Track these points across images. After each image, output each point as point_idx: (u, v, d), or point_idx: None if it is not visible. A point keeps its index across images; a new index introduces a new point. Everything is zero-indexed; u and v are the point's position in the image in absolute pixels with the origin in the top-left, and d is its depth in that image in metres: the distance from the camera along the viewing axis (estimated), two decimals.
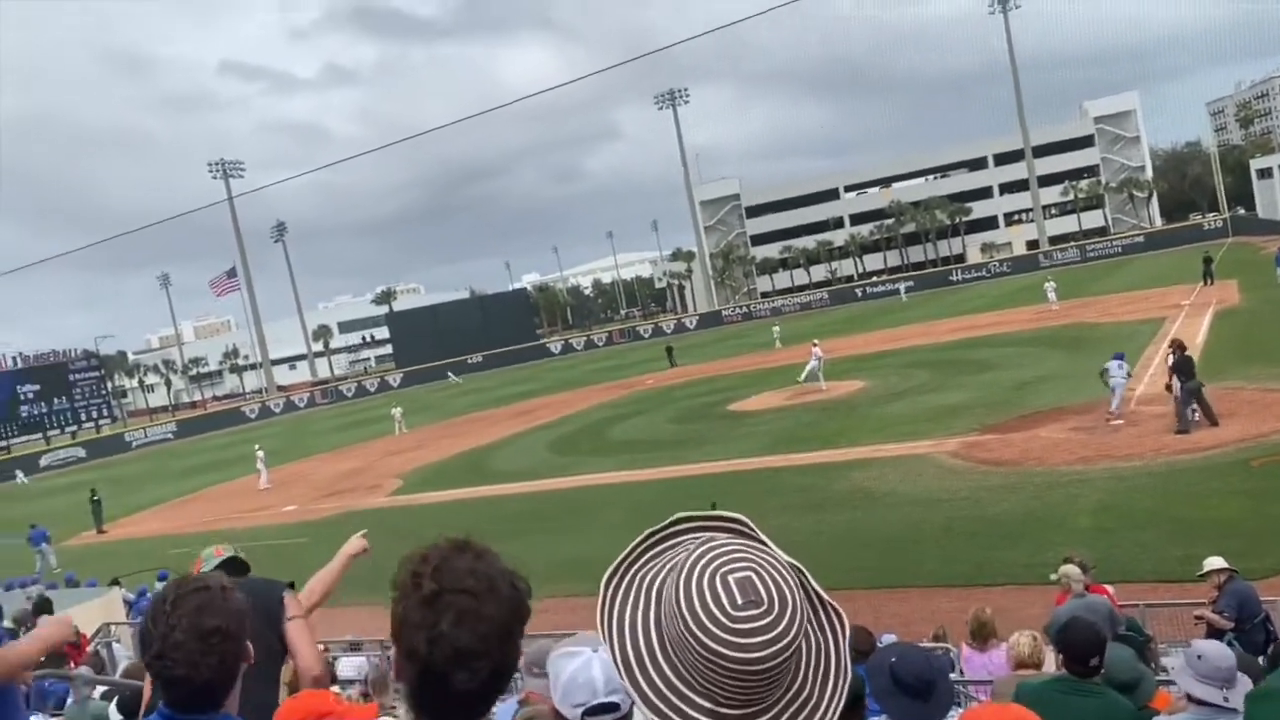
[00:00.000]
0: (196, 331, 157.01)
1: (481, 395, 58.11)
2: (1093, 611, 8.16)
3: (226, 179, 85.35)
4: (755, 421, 30.34)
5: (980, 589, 12.72)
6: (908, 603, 13.18)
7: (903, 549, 15.48)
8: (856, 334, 52.54)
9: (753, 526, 1.41)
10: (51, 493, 48.36)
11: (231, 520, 29.76)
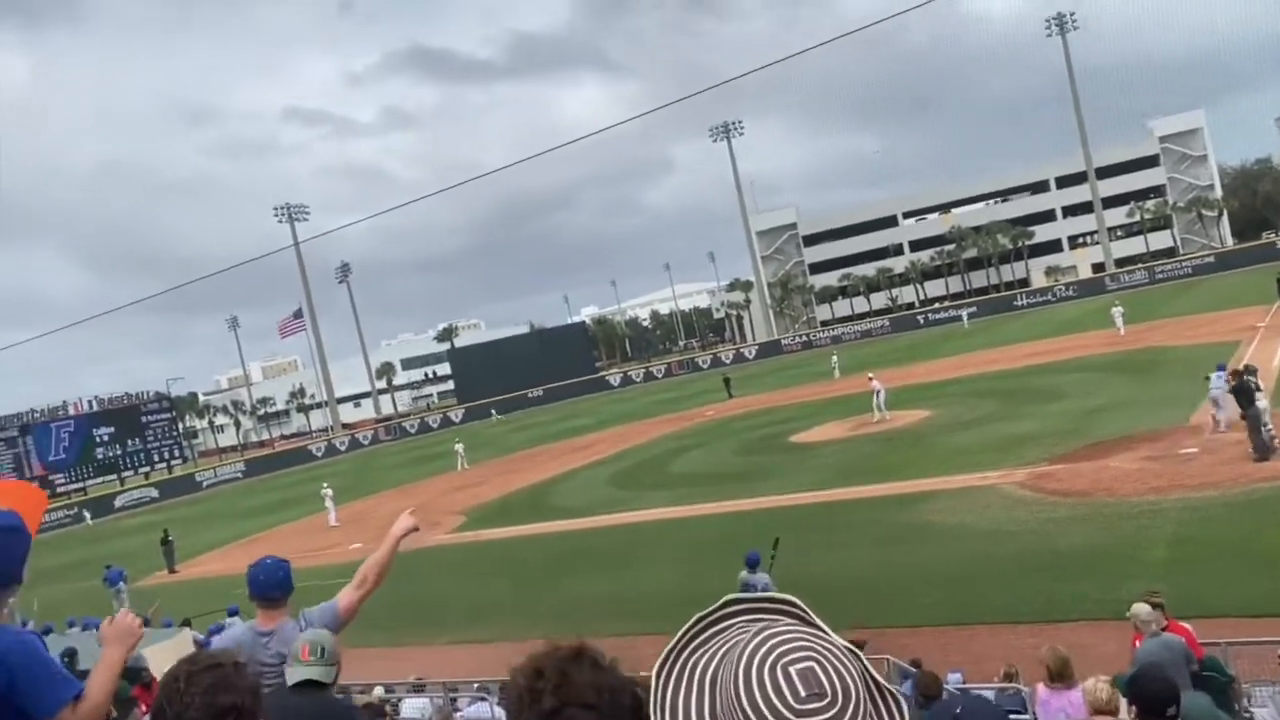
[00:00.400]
0: (264, 372, 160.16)
1: (542, 429, 58.36)
2: (1169, 651, 7.87)
3: (292, 223, 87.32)
4: (818, 453, 30.02)
5: (1051, 625, 12.37)
6: (976, 640, 12.87)
7: (970, 584, 15.14)
8: (919, 362, 51.84)
9: (806, 609, 1.35)
10: (126, 533, 49.52)
11: (298, 559, 30.00)
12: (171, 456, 74.91)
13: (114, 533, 51.08)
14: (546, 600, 19.31)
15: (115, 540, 45.15)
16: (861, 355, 61.77)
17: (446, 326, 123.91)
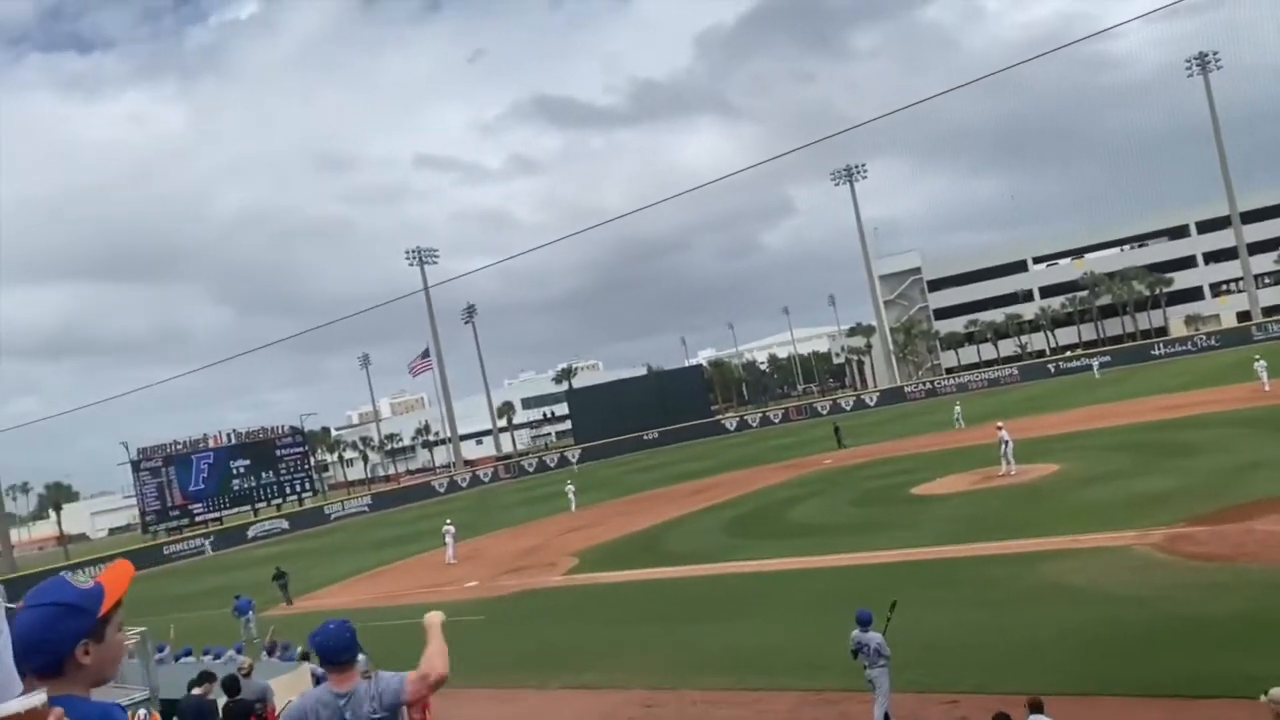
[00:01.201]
0: (393, 408, 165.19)
1: (657, 472, 58.40)
2: None
3: (422, 266, 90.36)
4: (940, 506, 29.16)
5: (1188, 701, 11.67)
6: (1104, 711, 12.20)
7: (1100, 651, 14.38)
8: (1049, 413, 49.99)
9: None
10: (256, 563, 51.52)
11: (415, 595, 30.78)
12: (303, 489, 77.69)
13: (246, 562, 53.15)
14: (657, 648, 19.19)
15: (246, 570, 46.95)
16: (987, 405, 59.98)
17: (565, 367, 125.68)
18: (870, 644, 13.11)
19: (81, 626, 2.50)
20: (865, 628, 13.24)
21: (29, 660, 2.43)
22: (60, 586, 2.54)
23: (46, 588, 2.55)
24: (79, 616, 2.49)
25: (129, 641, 3.23)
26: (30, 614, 2.45)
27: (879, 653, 13.07)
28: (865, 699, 13.79)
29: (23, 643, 2.42)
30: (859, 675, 13.61)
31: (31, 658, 2.43)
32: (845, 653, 13.52)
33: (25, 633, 2.43)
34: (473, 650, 21.85)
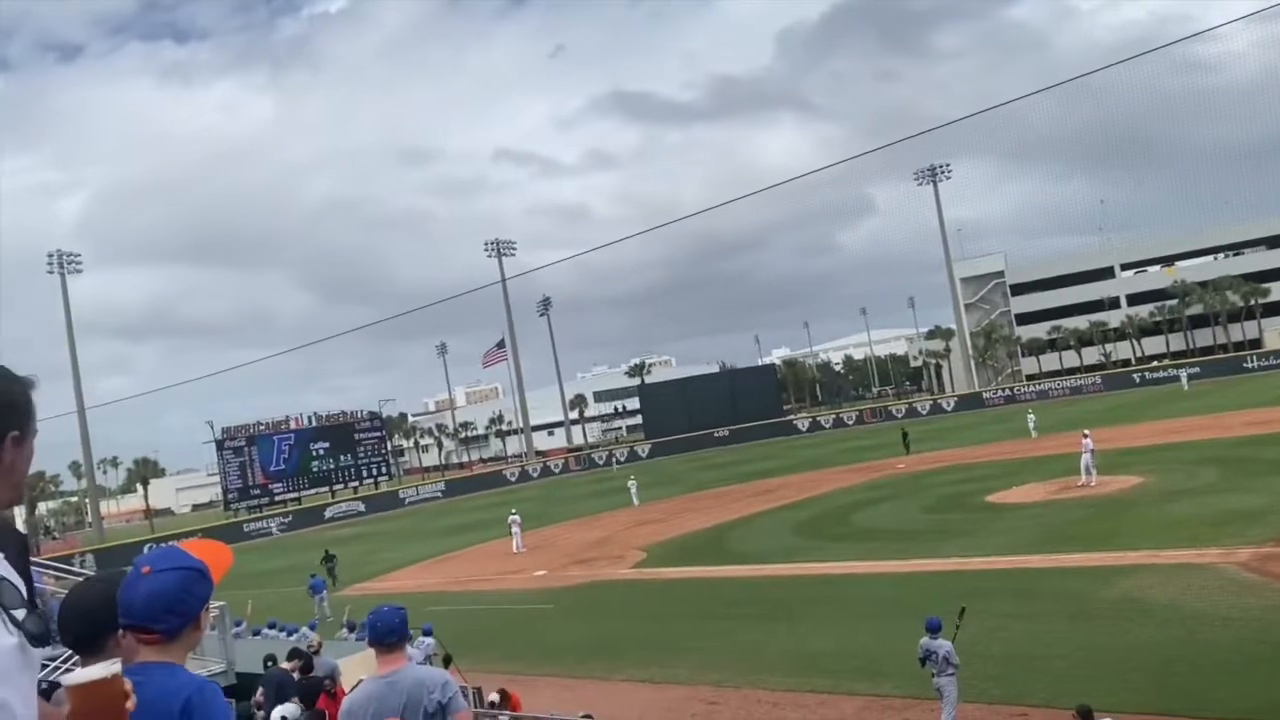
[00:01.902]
0: (468, 397, 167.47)
1: (727, 470, 58.22)
2: None
3: (500, 258, 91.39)
4: (1015, 515, 28.54)
5: None
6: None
7: (1179, 672, 13.95)
8: (1133, 424, 48.57)
9: None
10: (330, 544, 52.71)
11: (483, 582, 31.20)
12: (379, 473, 79.24)
13: (322, 542, 54.38)
14: (721, 646, 19.15)
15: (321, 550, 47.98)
16: (1066, 414, 58.54)
17: (638, 362, 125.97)
18: (939, 651, 12.92)
19: (208, 592, 2.59)
20: (934, 634, 13.05)
21: (162, 622, 2.49)
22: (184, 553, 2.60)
23: (170, 553, 2.61)
24: (207, 583, 2.57)
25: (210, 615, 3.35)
26: (169, 576, 2.50)
27: (948, 660, 12.87)
28: (931, 706, 13.59)
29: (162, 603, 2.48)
30: (925, 682, 13.41)
31: (165, 619, 2.50)
32: (912, 659, 13.33)
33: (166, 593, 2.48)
34: (539, 638, 22.09)
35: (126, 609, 2.49)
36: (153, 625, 2.47)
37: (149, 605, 2.46)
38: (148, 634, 2.48)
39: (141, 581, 2.49)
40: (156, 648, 2.50)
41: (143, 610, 2.47)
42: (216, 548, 2.71)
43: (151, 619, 2.47)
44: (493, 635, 22.57)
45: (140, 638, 2.51)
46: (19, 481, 1.85)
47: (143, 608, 2.47)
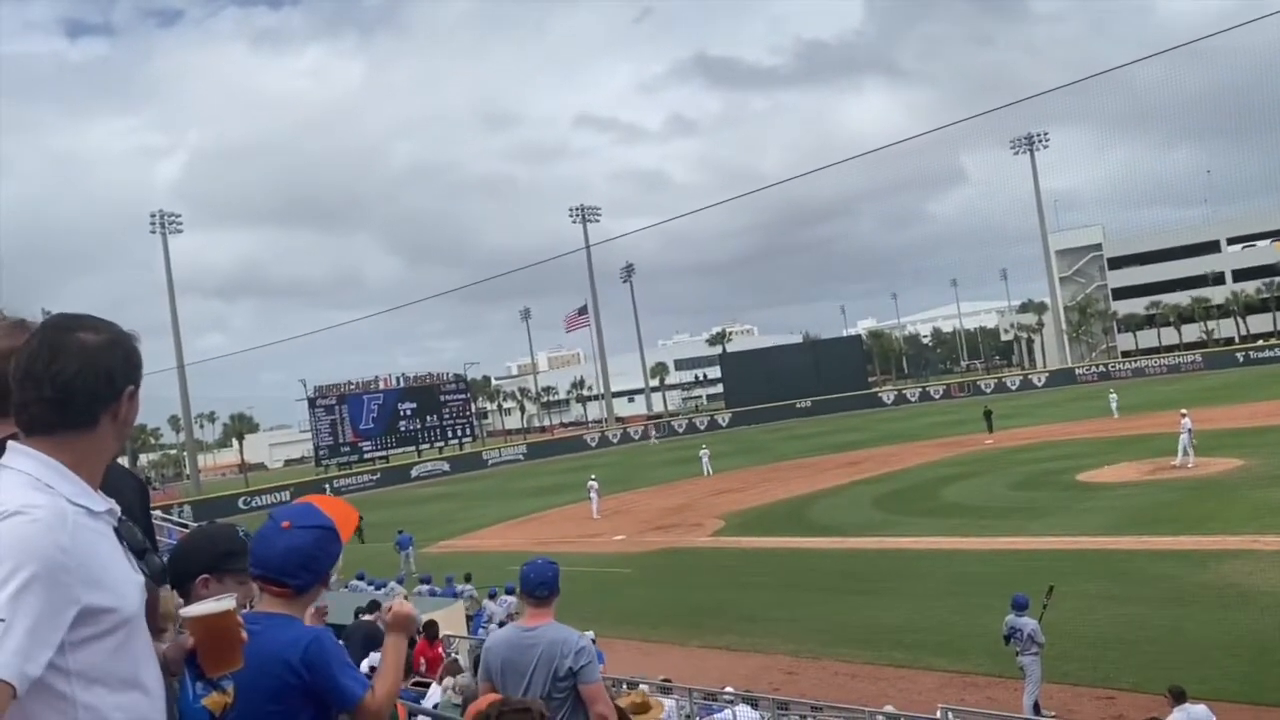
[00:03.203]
0: (550, 362, 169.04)
1: (809, 441, 57.80)
2: None
3: (585, 223, 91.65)
4: (1106, 495, 27.79)
5: None
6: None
7: (1277, 660, 13.46)
8: (1235, 404, 46.74)
9: None
10: (419, 501, 53.93)
11: (563, 544, 31.58)
12: (463, 434, 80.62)
13: (409, 499, 55.71)
14: (800, 616, 19.11)
15: (408, 507, 49.19)
16: (1164, 392, 56.55)
17: (720, 330, 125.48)
18: (1024, 629, 12.71)
19: (339, 551, 2.67)
20: (1020, 612, 12.85)
21: (296, 577, 2.58)
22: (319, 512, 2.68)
23: (306, 511, 2.69)
24: (338, 543, 2.65)
25: None
26: (303, 534, 2.59)
27: (1032, 639, 12.67)
28: (1013, 685, 13.38)
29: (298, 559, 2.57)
30: (1008, 660, 13.20)
31: (300, 575, 2.59)
32: (995, 637, 13.13)
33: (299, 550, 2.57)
34: (618, 602, 22.30)
35: (262, 560, 2.57)
36: (287, 580, 2.55)
37: (286, 560, 2.54)
38: (280, 587, 2.56)
39: (280, 536, 2.57)
40: (283, 600, 2.58)
41: (280, 564, 2.54)
42: (344, 508, 2.78)
43: (287, 574, 2.55)
44: (573, 596, 22.70)
45: (270, 589, 2.59)
46: (129, 433, 1.94)
47: (280, 562, 2.54)
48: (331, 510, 2.66)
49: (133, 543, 1.98)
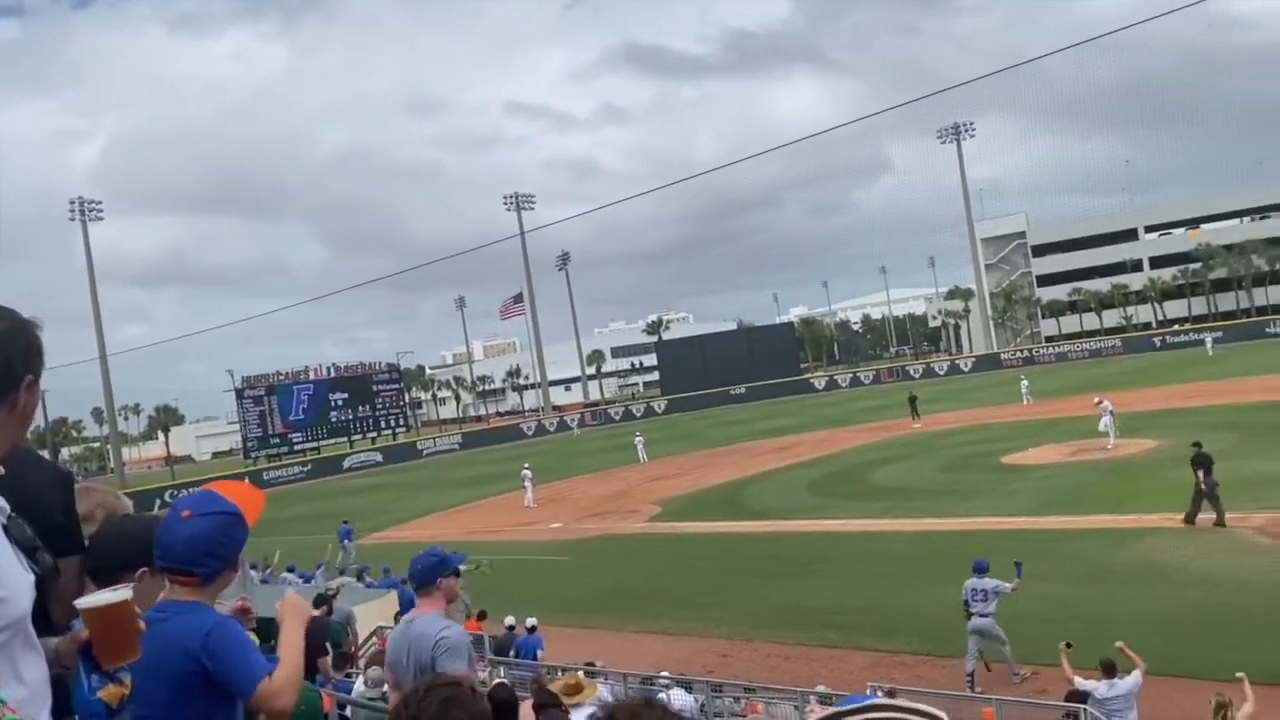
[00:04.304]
0: (485, 351, 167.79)
1: (743, 427, 58.33)
2: None
3: (519, 211, 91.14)
4: (1030, 476, 28.57)
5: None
6: (1194, 695, 11.88)
7: (1195, 635, 14.02)
8: (1152, 387, 48.28)
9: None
10: (351, 492, 53.25)
11: (498, 533, 31.51)
12: (397, 424, 79.77)
13: (341, 491, 54.97)
14: (734, 600, 19.34)
15: (340, 499, 48.53)
16: (1085, 376, 58.16)
17: (656, 319, 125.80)
18: (987, 589, 13.47)
19: (244, 537, 2.64)
20: (981, 575, 13.63)
21: (201, 565, 2.55)
22: (222, 498, 2.65)
23: (208, 498, 2.66)
24: (244, 528, 2.62)
25: None
26: (205, 521, 2.56)
27: (996, 592, 13.44)
28: (940, 664, 13.75)
29: (201, 547, 2.53)
30: (936, 639, 13.57)
31: (204, 563, 2.55)
32: (925, 616, 13.48)
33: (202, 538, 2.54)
34: (555, 589, 22.33)
35: (166, 551, 2.55)
36: (192, 569, 2.53)
37: (188, 549, 2.52)
38: (187, 576, 2.55)
39: (181, 525, 2.55)
40: (191, 589, 2.57)
41: (182, 554, 2.53)
42: (248, 491, 2.76)
43: (191, 562, 2.53)
44: (510, 584, 22.83)
45: (177, 580, 2.57)
46: (28, 424, 1.90)
47: (183, 551, 2.52)
48: (236, 495, 2.64)
49: (22, 541, 1.95)
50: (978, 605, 13.51)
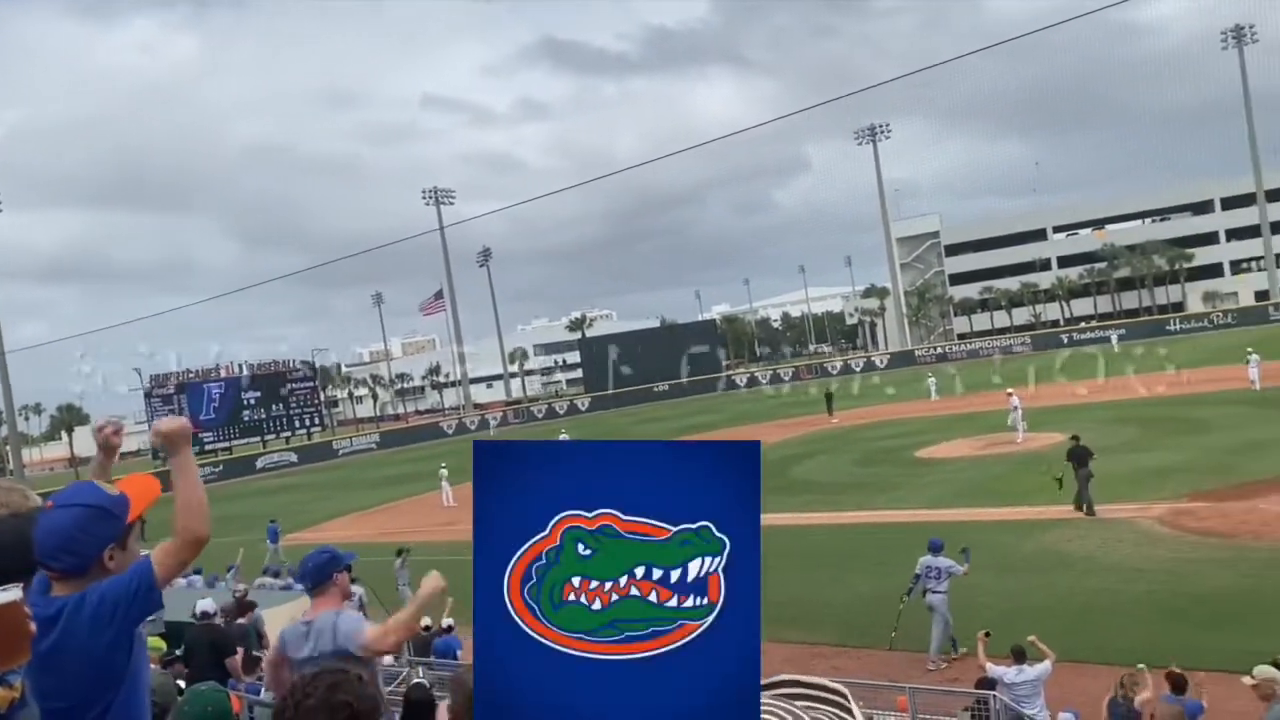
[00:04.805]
0: (404, 348, 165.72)
1: (666, 424, 58.59)
2: None
3: (439, 206, 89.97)
4: (943, 469, 29.22)
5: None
6: (1096, 680, 12.27)
7: (1096, 621, 14.48)
8: (1059, 383, 49.77)
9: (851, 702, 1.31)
10: (265, 493, 52.05)
11: (417, 534, 31.08)
12: (312, 423, 78.17)
13: (255, 492, 53.70)
14: None
15: (255, 499, 47.40)
16: (983, 374, 59.70)
17: (579, 316, 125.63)
18: (941, 566, 13.91)
19: (112, 531, 2.50)
20: (936, 554, 14.11)
21: (57, 560, 2.42)
22: (92, 490, 2.53)
23: (76, 490, 2.53)
24: (110, 521, 2.49)
25: None
26: (62, 514, 2.43)
27: (949, 572, 13.88)
28: (857, 654, 13.97)
29: (54, 542, 2.41)
30: (855, 632, 13.79)
31: (60, 558, 2.43)
32: (844, 608, 13.68)
33: (57, 532, 2.41)
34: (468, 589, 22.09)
35: (37, 545, 2.43)
36: (49, 562, 2.41)
37: (44, 542, 2.41)
38: (49, 571, 2.43)
39: (44, 518, 2.43)
40: (70, 584, 2.44)
41: (42, 546, 2.41)
42: (141, 481, 2.64)
43: (47, 555, 2.41)
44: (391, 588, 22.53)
45: (52, 575, 2.46)
46: None
47: (41, 545, 2.41)
48: (130, 486, 2.53)
49: None
50: (931, 583, 13.99)
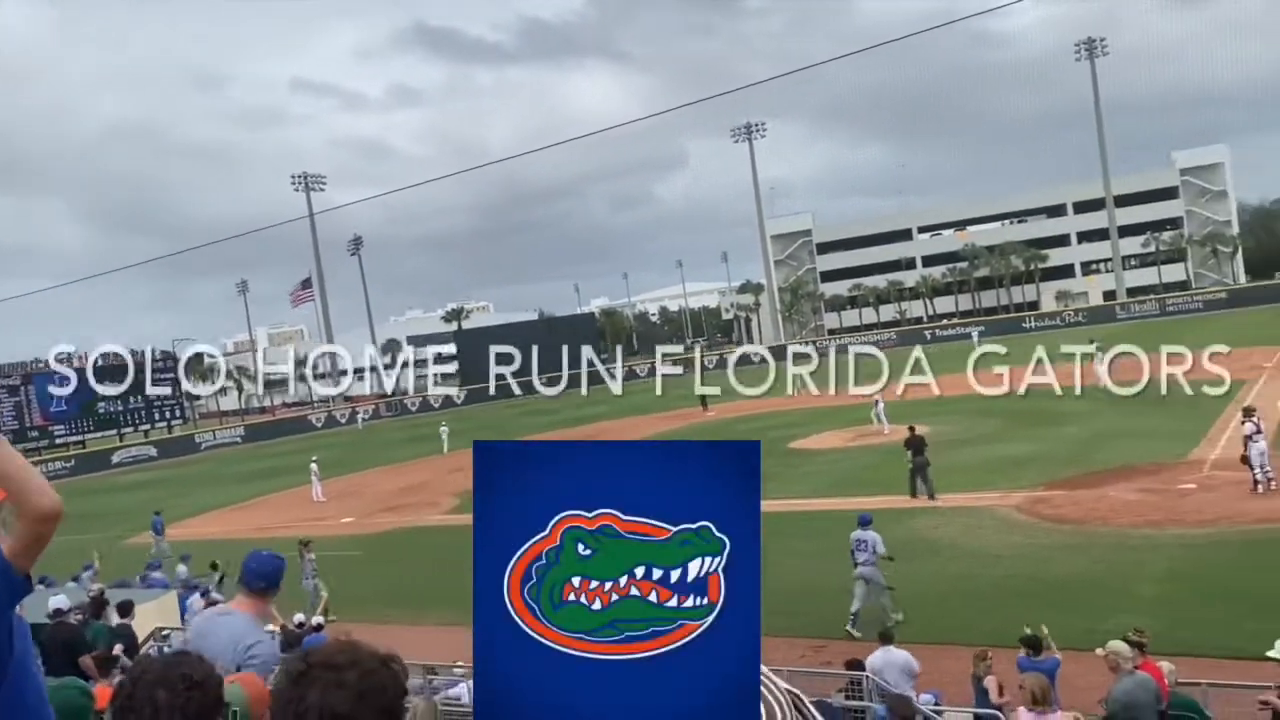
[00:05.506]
0: (271, 339, 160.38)
1: (546, 417, 58.42)
2: (1145, 692, 7.87)
3: (309, 193, 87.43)
4: (815, 461, 30.02)
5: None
6: (957, 661, 12.81)
7: (956, 604, 15.13)
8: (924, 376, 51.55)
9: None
10: (123, 489, 49.66)
11: (285, 529, 30.16)
12: (172, 416, 75.01)
13: (111, 488, 51.21)
14: None
15: (111, 495, 45.18)
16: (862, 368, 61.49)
17: (456, 307, 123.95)
18: (868, 539, 14.89)
19: None
20: (865, 527, 15.10)
21: None
22: None
23: None
24: None
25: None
26: None
27: (875, 549, 14.84)
28: (772, 641, 14.23)
29: None
30: None
31: None
32: None
33: None
34: (347, 585, 21.58)
35: None
36: None
37: None
38: None
39: None
40: None
41: None
42: None
43: None
44: (293, 582, 21.92)
45: None
46: None
47: None
48: None
49: None
50: (861, 555, 14.92)
